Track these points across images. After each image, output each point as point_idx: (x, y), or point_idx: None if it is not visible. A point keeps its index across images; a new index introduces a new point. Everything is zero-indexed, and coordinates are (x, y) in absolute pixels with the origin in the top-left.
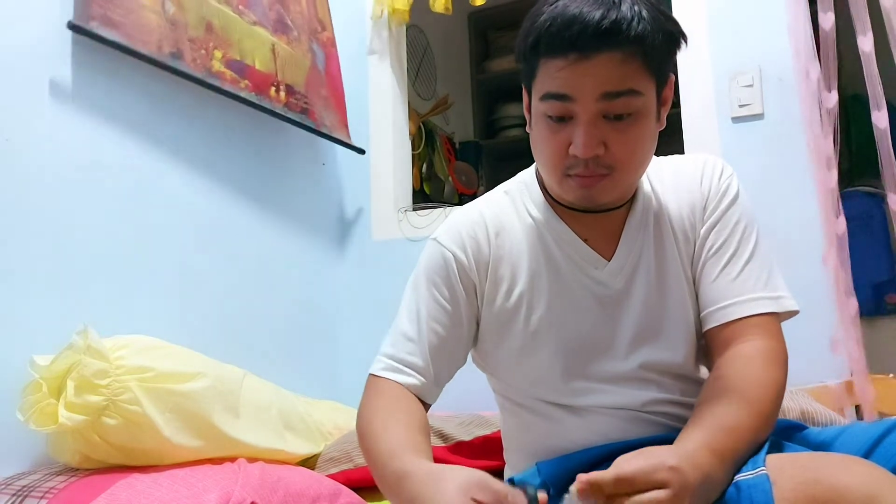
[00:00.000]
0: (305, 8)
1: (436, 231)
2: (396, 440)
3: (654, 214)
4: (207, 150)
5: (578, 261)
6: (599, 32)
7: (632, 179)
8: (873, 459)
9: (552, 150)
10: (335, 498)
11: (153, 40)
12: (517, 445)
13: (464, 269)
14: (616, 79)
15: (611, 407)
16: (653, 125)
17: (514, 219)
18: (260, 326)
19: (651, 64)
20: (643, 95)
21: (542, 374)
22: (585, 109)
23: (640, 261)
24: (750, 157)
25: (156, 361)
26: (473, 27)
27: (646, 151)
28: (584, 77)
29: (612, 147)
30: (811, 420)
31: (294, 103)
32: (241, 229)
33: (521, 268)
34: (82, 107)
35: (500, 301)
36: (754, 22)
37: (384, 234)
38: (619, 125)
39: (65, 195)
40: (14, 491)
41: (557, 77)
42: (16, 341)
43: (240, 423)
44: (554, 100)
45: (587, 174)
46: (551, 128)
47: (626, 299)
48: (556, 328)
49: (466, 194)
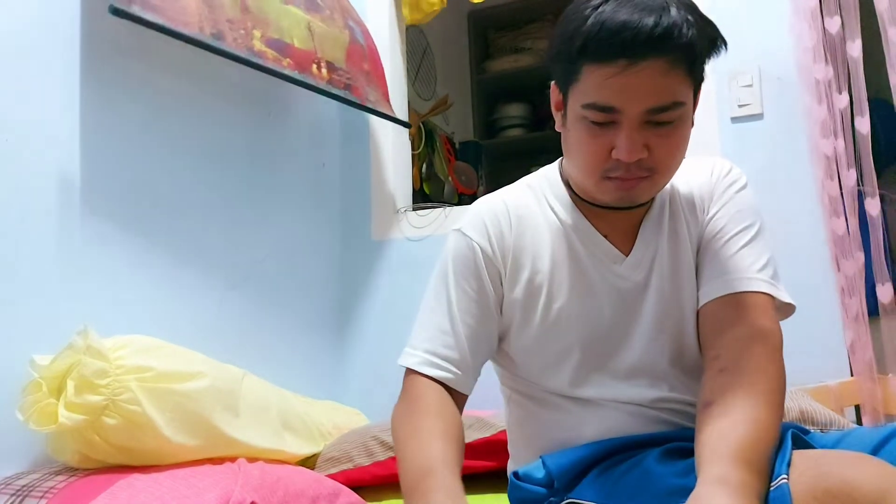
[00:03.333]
0: None
1: (459, 221)
2: (428, 454)
3: (670, 208)
4: (207, 151)
5: (599, 255)
6: (653, 38)
7: (668, 180)
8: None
9: (592, 153)
10: (335, 498)
11: (194, 22)
12: (523, 438)
13: (489, 259)
14: (663, 92)
15: (621, 401)
16: (690, 125)
17: (535, 211)
18: (260, 326)
19: (695, 71)
20: (685, 105)
21: (557, 364)
22: (630, 118)
23: (657, 255)
24: (749, 157)
25: (156, 361)
26: (473, 27)
27: (684, 153)
28: (631, 89)
29: (654, 151)
30: (811, 420)
31: (337, 80)
32: (241, 229)
33: (542, 258)
34: (83, 107)
35: (521, 289)
36: (754, 22)
37: (384, 234)
38: (661, 130)
39: (65, 195)
40: (14, 490)
41: (604, 87)
42: (16, 341)
43: (240, 422)
44: (597, 110)
45: (628, 177)
46: (592, 132)
47: (644, 292)
48: (575, 318)
49: (466, 194)
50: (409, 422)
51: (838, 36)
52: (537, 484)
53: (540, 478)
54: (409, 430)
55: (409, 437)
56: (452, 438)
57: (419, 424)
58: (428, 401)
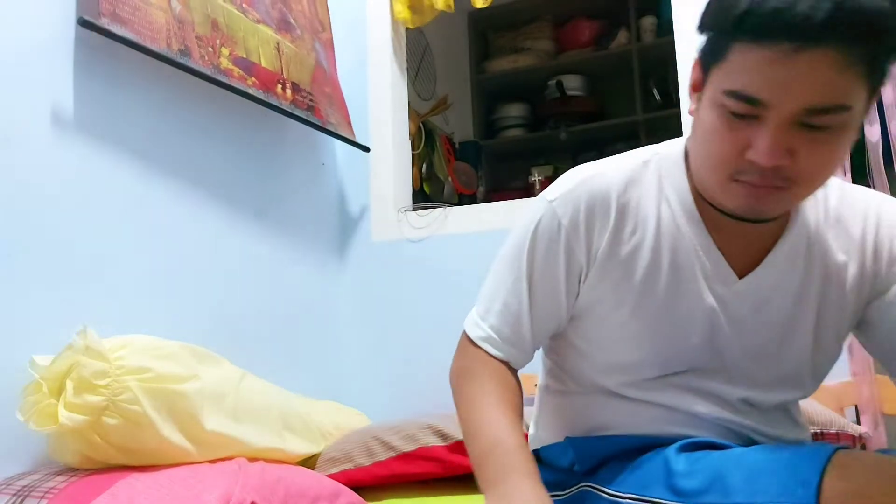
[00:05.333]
0: (307, 7)
1: (553, 191)
2: (498, 425)
3: (807, 246)
4: (208, 151)
5: (708, 271)
6: (832, 18)
7: (808, 195)
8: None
9: (724, 149)
10: (335, 498)
11: (162, 37)
12: (552, 425)
13: (576, 247)
14: (830, 90)
15: (671, 407)
16: (852, 139)
17: (646, 201)
18: (260, 326)
19: (876, 69)
20: (852, 110)
21: (621, 369)
22: (779, 116)
23: (776, 293)
24: None
25: (155, 361)
26: (473, 27)
27: (835, 167)
28: (790, 83)
29: (799, 159)
30: (811, 420)
31: (300, 101)
32: (241, 229)
33: (639, 257)
34: (83, 107)
35: (608, 285)
36: None
37: (384, 235)
38: (813, 135)
39: (65, 195)
40: (14, 491)
41: (757, 73)
42: (16, 341)
43: (240, 422)
44: (743, 101)
45: (761, 184)
46: (728, 123)
47: (743, 330)
48: (657, 333)
49: (466, 194)
50: (470, 383)
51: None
52: (558, 468)
53: (563, 462)
54: (473, 392)
55: (474, 399)
56: (516, 408)
57: (483, 388)
58: (490, 368)
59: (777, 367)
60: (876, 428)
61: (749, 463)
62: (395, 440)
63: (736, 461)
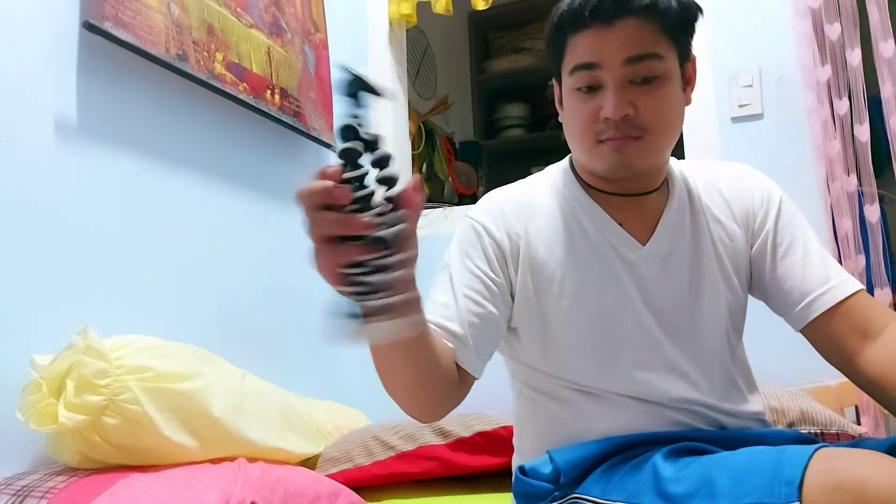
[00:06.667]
0: (300, 9)
1: (467, 211)
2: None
3: (691, 211)
4: (207, 152)
5: (614, 242)
6: (618, 1)
7: (663, 146)
8: None
9: (583, 118)
10: (335, 498)
11: (161, 41)
12: (531, 432)
13: (495, 241)
14: (637, 42)
15: (636, 397)
16: (679, 93)
17: (546, 199)
18: (260, 326)
19: (667, 29)
20: (665, 59)
21: (572, 351)
22: (613, 75)
23: (674, 250)
24: (749, 157)
25: (155, 361)
26: (473, 27)
27: (674, 116)
28: (608, 44)
29: (641, 109)
30: (811, 420)
31: (287, 107)
32: (241, 229)
33: (555, 243)
34: (86, 109)
35: (533, 276)
36: (754, 22)
37: None
38: (645, 88)
39: (66, 196)
40: (14, 491)
41: (583, 48)
42: (16, 341)
43: (240, 422)
44: (582, 70)
45: (619, 136)
46: (581, 98)
47: (659, 287)
48: (590, 304)
49: (466, 194)
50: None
51: (838, 42)
52: (543, 479)
53: (546, 473)
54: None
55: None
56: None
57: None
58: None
59: (698, 313)
60: (876, 428)
61: (735, 465)
62: (395, 439)
63: (722, 464)
